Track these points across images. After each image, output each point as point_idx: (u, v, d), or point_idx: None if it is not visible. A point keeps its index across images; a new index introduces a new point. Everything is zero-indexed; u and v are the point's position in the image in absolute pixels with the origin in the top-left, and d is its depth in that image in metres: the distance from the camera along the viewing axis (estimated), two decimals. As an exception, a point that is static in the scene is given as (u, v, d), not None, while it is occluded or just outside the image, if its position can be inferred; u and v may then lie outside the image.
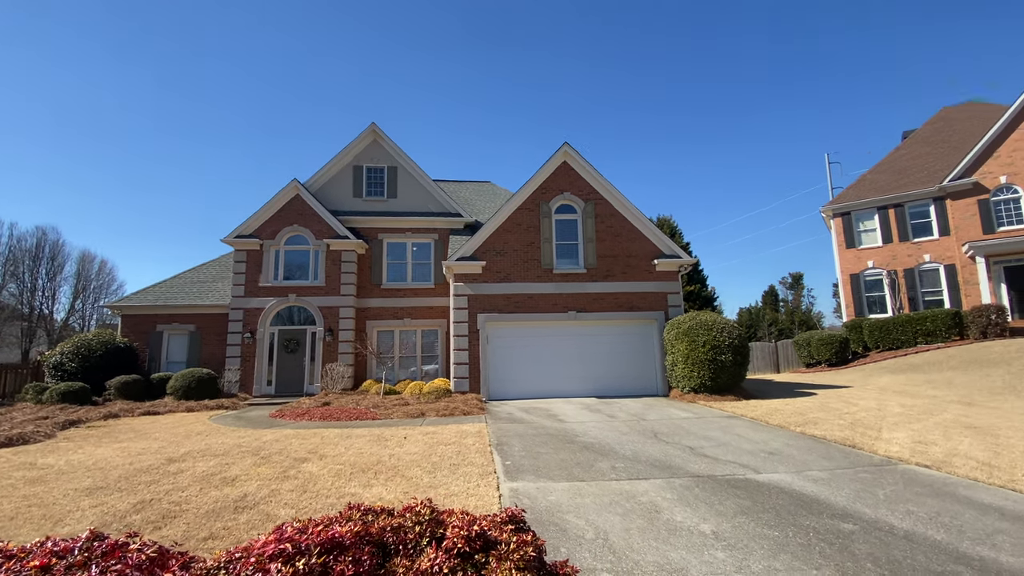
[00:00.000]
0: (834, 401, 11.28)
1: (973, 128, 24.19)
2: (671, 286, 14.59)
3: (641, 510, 4.74)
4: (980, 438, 7.37)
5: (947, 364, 15.19)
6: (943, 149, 24.48)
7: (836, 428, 8.39)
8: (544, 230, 14.73)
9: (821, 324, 61.13)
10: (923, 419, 8.83)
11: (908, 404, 10.45)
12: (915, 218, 22.75)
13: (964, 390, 11.94)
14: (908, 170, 24.43)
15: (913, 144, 26.56)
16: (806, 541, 3.96)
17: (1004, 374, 13.00)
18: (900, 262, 22.73)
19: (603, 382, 13.79)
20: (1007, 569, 3.50)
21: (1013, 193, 20.56)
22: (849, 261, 24.07)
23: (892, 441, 7.35)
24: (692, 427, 8.89)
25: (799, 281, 71.45)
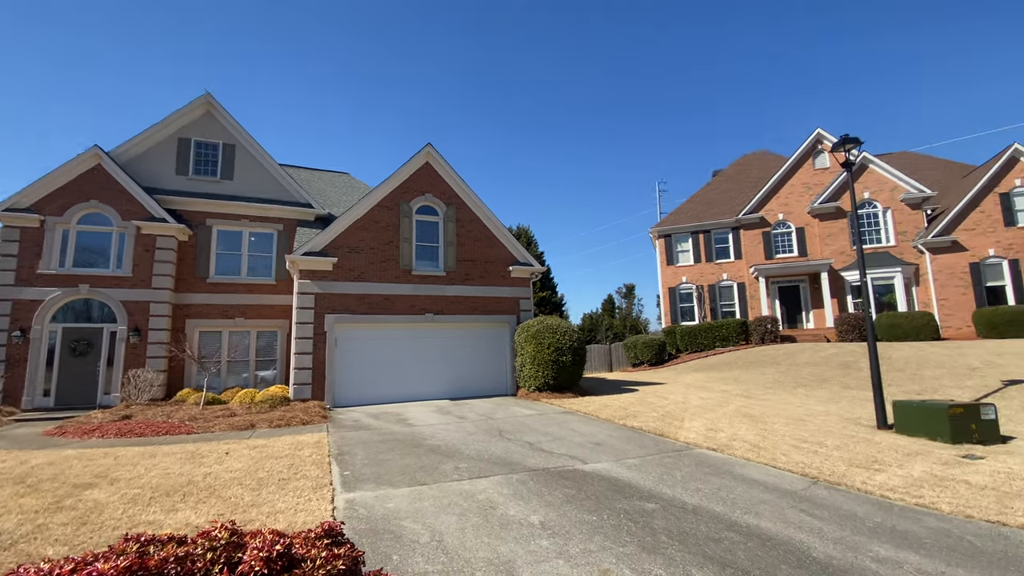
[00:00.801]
0: (651, 396, 12.96)
1: (763, 173, 29.98)
2: (524, 292, 15.37)
3: (478, 508, 4.87)
4: (754, 425, 9.10)
5: (735, 364, 18.53)
6: (741, 187, 29.91)
7: (651, 420, 9.65)
8: (404, 230, 14.39)
9: (647, 329, 69.73)
10: (715, 410, 10.63)
11: (705, 397, 12.49)
12: (718, 243, 27.37)
13: (746, 385, 14.68)
14: (715, 203, 29.32)
15: (720, 182, 31.99)
16: (617, 522, 4.46)
17: (774, 372, 16.29)
18: (706, 279, 27.17)
19: (458, 384, 13.94)
20: (765, 532, 4.35)
21: (787, 228, 25.94)
22: (669, 276, 28.01)
23: (691, 429, 8.70)
24: (534, 424, 9.45)
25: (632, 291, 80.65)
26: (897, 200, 23.68)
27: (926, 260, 22.64)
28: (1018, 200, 21.74)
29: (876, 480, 5.72)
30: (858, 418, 9.59)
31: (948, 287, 22.08)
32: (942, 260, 22.36)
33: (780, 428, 8.76)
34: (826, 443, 7.53)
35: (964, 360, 14.38)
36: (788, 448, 7.29)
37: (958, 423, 7.38)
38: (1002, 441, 7.51)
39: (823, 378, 14.26)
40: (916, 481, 5.64)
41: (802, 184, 25.79)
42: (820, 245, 24.91)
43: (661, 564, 3.69)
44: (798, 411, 10.49)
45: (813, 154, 25.78)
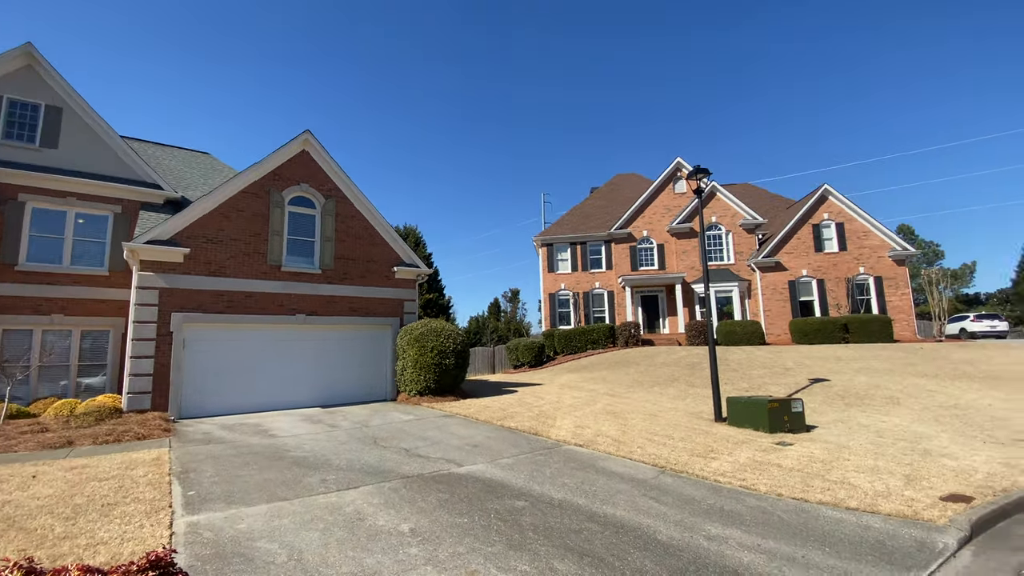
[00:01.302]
0: (529, 397, 13.49)
1: (632, 193, 32.92)
2: (408, 293, 15.02)
3: (344, 521, 4.63)
4: (617, 421, 9.92)
5: (602, 365, 20.07)
6: (614, 204, 32.54)
7: (526, 420, 10.03)
8: (275, 221, 13.20)
9: (529, 332, 72.53)
10: (584, 408, 11.39)
11: (576, 397, 13.34)
12: (593, 254, 29.46)
13: (612, 385, 15.96)
14: (591, 217, 31.53)
15: (596, 198, 34.48)
16: (487, 523, 4.55)
17: (635, 372, 17.93)
18: (582, 286, 29.07)
19: (333, 390, 13.12)
20: (619, 520, 4.75)
21: (650, 244, 28.76)
22: (549, 283, 29.46)
23: (562, 427, 9.22)
24: (412, 429, 9.26)
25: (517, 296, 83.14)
26: (737, 225, 27.63)
27: (757, 277, 26.71)
28: (825, 231, 26.68)
29: (711, 467, 6.59)
30: (700, 412, 10.97)
31: (772, 300, 26.28)
32: (769, 277, 26.55)
33: (637, 423, 9.66)
34: (674, 436, 8.49)
35: (782, 362, 17.22)
36: (643, 441, 8.07)
37: (775, 415, 8.81)
38: (807, 430, 9.11)
39: (674, 377, 16.06)
40: (742, 466, 6.60)
41: (663, 206, 28.88)
42: (676, 260, 28.07)
43: (527, 560, 3.84)
44: (653, 407, 11.68)
45: (673, 180, 29.03)
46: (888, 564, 3.85)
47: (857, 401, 11.70)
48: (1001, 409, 10.33)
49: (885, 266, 25.74)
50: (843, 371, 15.30)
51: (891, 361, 16.63)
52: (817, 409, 11.00)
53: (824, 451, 7.33)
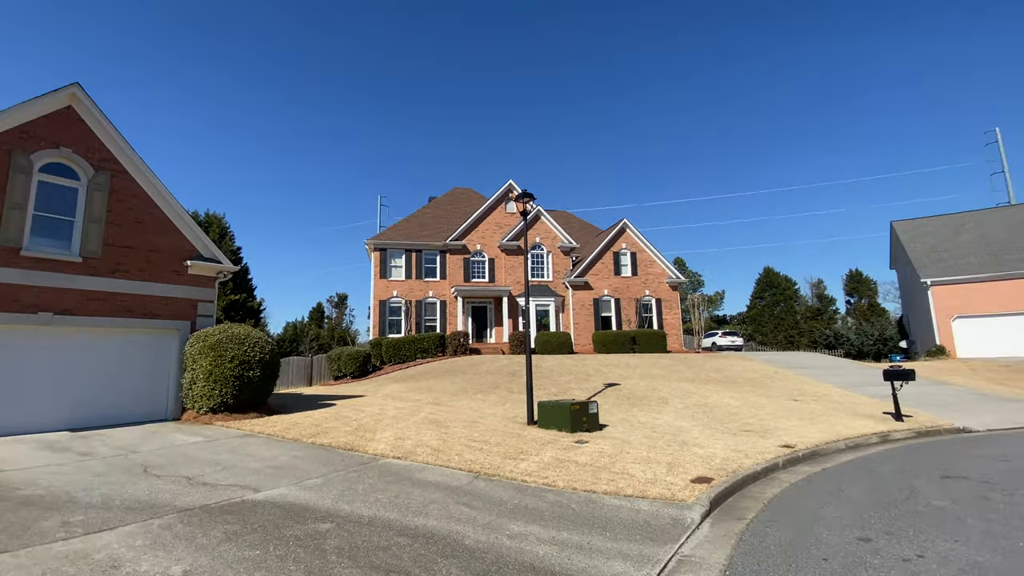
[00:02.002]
0: (348, 410, 12.76)
1: (468, 207, 33.95)
2: (205, 293, 12.93)
3: (92, 572, 3.73)
4: (438, 430, 9.99)
5: (430, 374, 20.13)
6: (451, 216, 33.13)
7: (343, 435, 9.47)
8: (14, 191, 10.14)
9: (357, 341, 69.05)
10: (407, 418, 11.23)
11: (400, 407, 13.09)
12: (428, 263, 29.51)
13: (437, 393, 16.08)
14: (428, 226, 31.60)
15: (435, 207, 34.71)
16: (284, 552, 4.14)
17: (461, 380, 18.37)
18: (414, 294, 28.84)
19: (92, 409, 10.49)
20: (430, 531, 4.75)
21: (482, 257, 29.94)
22: (381, 289, 28.53)
23: (381, 440, 8.93)
24: (199, 453, 7.95)
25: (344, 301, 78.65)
26: (556, 247, 30.58)
27: (570, 294, 29.86)
28: (623, 258, 31.13)
29: (520, 468, 7.08)
30: (516, 417, 11.73)
31: (580, 314, 29.61)
32: (579, 295, 29.90)
33: (459, 431, 9.89)
34: (491, 440, 8.91)
35: (585, 368, 19.48)
36: (462, 448, 8.29)
37: (576, 417, 9.89)
38: (600, 428, 10.41)
39: (496, 384, 16.92)
40: (546, 465, 7.24)
41: (495, 223, 30.48)
42: (505, 274, 29.79)
43: (326, 586, 3.59)
44: (475, 414, 12.10)
45: (505, 200, 30.90)
46: (651, 541, 4.61)
47: (639, 402, 13.85)
48: (735, 406, 13.30)
49: (664, 290, 31.18)
50: (630, 376, 17.99)
51: (664, 368, 20.14)
52: (609, 410, 12.68)
53: (612, 447, 8.48)
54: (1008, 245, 27.84)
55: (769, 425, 10.80)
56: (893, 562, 4.13)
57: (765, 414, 12.17)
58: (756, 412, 12.40)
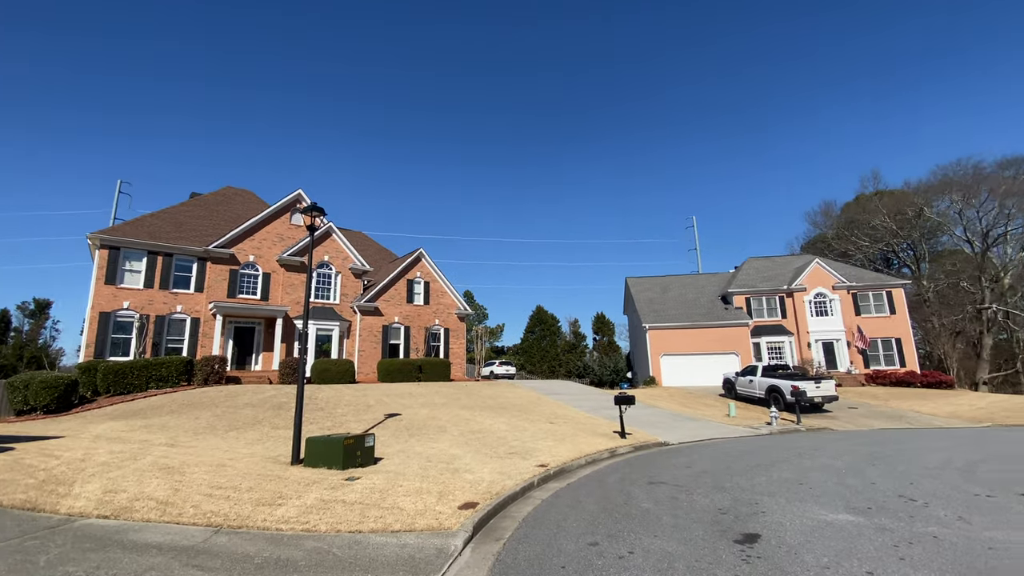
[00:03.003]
0: (34, 456, 9.48)
1: (244, 211, 29.82)
2: None
3: None
4: (170, 478, 8.16)
5: (168, 408, 16.49)
6: (220, 219, 28.53)
7: (21, 489, 6.98)
8: None
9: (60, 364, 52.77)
10: (126, 465, 8.89)
11: (118, 450, 10.31)
12: (180, 270, 24.63)
13: (174, 432, 13.21)
14: (186, 226, 26.57)
15: (198, 206, 29.46)
16: None
17: (210, 416, 15.50)
18: (155, 308, 23.57)
19: None
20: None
21: (255, 270, 26.44)
22: (105, 298, 22.50)
23: (81, 495, 6.85)
24: None
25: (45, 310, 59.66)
26: (347, 268, 29.11)
27: (357, 318, 28.58)
28: (416, 286, 31.37)
29: (276, 514, 6.27)
30: (278, 456, 10.44)
31: (367, 341, 28.54)
32: (367, 320, 28.85)
33: (200, 477, 8.27)
34: (241, 486, 7.69)
35: (366, 399, 18.67)
36: (201, 498, 6.94)
37: (349, 452, 9.32)
38: (375, 462, 10.00)
39: (257, 420, 14.83)
40: (308, 508, 6.57)
41: (277, 234, 27.48)
42: (282, 292, 26.85)
43: None
44: (225, 455, 10.32)
45: (292, 210, 28.21)
46: (414, 574, 4.57)
47: (417, 432, 13.87)
48: (504, 431, 14.42)
49: (452, 321, 32.47)
50: (412, 406, 17.96)
51: (446, 396, 20.75)
52: (387, 442, 12.36)
53: (385, 481, 8.23)
54: (695, 303, 37.72)
55: (529, 447, 12.02)
56: (612, 560, 4.97)
57: (527, 437, 13.51)
58: (520, 436, 13.67)
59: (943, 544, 5.19)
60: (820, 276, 35.67)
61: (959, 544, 5.17)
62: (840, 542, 5.33)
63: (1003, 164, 44.60)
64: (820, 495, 7.53)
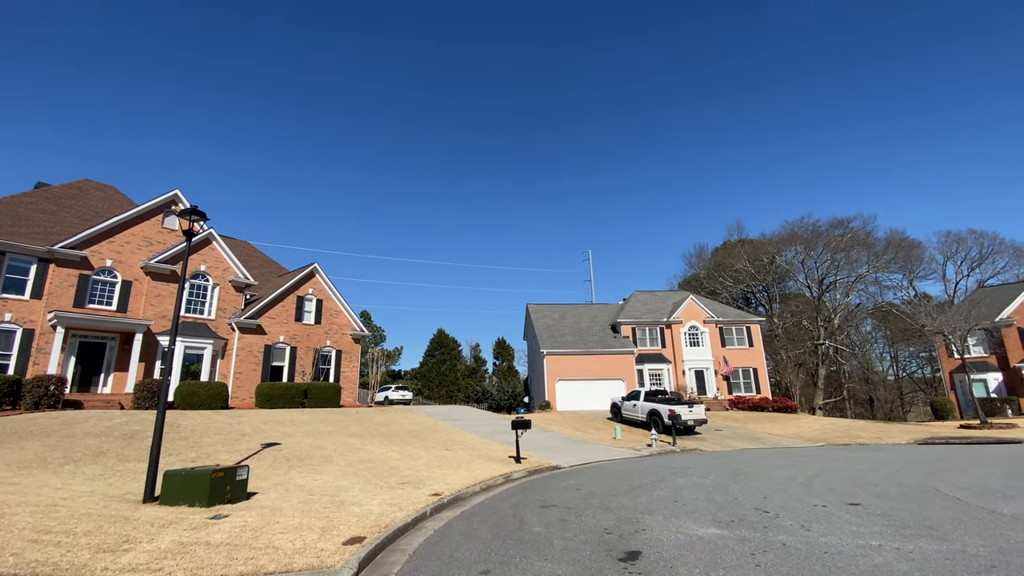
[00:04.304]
0: None
1: (104, 209, 26.00)
2: None
3: None
4: (-28, 525, 6.62)
5: (-21, 439, 13.46)
6: (70, 215, 24.55)
7: None
8: None
9: None
10: (-94, 514, 7.05)
11: None
12: (13, 272, 20.71)
13: (-15, 468, 10.79)
14: (27, 220, 22.51)
15: (43, 198, 25.15)
16: None
17: (40, 447, 12.94)
18: (-29, 316, 19.42)
19: None
20: None
21: (113, 277, 23.01)
22: None
23: None
24: None
25: None
26: (227, 280, 26.47)
27: (235, 337, 25.95)
28: (308, 303, 29.39)
29: (122, 561, 5.37)
30: (126, 494, 8.98)
31: (246, 362, 25.97)
32: (247, 339, 26.31)
33: (22, 520, 6.83)
34: (77, 530, 6.48)
35: (240, 427, 16.85)
36: (24, 545, 5.72)
37: (216, 486, 8.30)
38: (247, 497, 9.00)
39: (101, 451, 12.68)
40: (163, 553, 5.71)
41: (144, 237, 24.30)
42: (145, 304, 23.63)
43: None
44: (56, 494, 8.64)
45: (165, 212, 25.19)
46: (288, 621, 4.15)
47: (299, 463, 12.80)
48: (396, 459, 13.84)
49: (346, 342, 30.81)
50: (295, 434, 16.56)
51: (334, 424, 19.45)
52: (262, 475, 11.23)
53: (259, 518, 7.44)
54: (589, 331, 39.87)
55: (423, 475, 11.65)
56: (502, 587, 4.95)
57: (421, 465, 13.10)
58: (414, 464, 13.22)
59: (790, 550, 5.92)
60: (694, 311, 39.77)
61: (802, 550, 5.93)
62: (708, 553, 5.84)
63: (834, 223, 54.15)
64: (692, 511, 8.21)
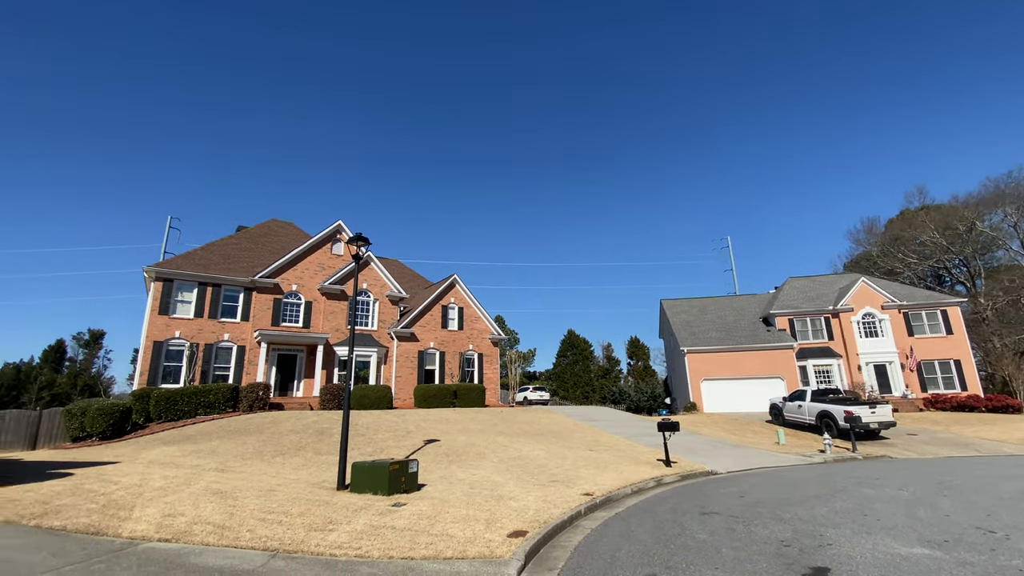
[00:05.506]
0: (94, 481, 9.91)
1: (287, 243, 31.07)
2: None
3: None
4: (223, 502, 8.37)
5: (216, 434, 17.00)
6: (263, 251, 29.80)
7: (84, 513, 7.27)
8: None
9: (110, 392, 55.23)
10: (180, 490, 9.18)
11: (171, 475, 10.66)
12: (227, 300, 25.70)
13: (224, 457, 13.58)
14: (234, 258, 27.84)
15: (244, 238, 30.89)
16: None
17: (256, 441, 15.89)
18: (204, 337, 24.58)
19: None
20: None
21: (298, 299, 27.35)
22: (159, 327, 23.64)
23: (142, 519, 7.09)
24: None
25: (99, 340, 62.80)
26: (384, 295, 29.75)
27: (394, 344, 29.00)
28: (451, 312, 31.72)
29: (328, 540, 6.32)
30: (324, 482, 10.56)
31: (404, 367, 28.85)
32: (404, 346, 29.22)
33: (251, 502, 8.45)
34: (292, 511, 7.81)
35: (405, 425, 18.77)
36: (255, 523, 7.08)
37: (394, 477, 9.35)
38: (419, 488, 10.00)
39: (301, 445, 15.09)
40: (359, 534, 6.60)
41: (318, 263, 28.44)
42: (323, 320, 27.60)
43: None
44: (272, 481, 10.52)
45: (332, 240, 29.23)
46: (470, 603, 4.50)
47: (457, 458, 13.81)
48: (543, 458, 14.20)
49: (486, 345, 32.53)
50: (450, 432, 17.92)
51: (483, 423, 20.63)
52: (427, 468, 12.35)
53: (431, 507, 8.20)
54: (735, 325, 36.63)
55: (572, 475, 11.77)
56: (673, 593, 4.77)
57: (568, 464, 13.24)
58: (560, 463, 13.42)
59: (1039, 583, 4.77)
60: (868, 295, 34.17)
61: (1058, 583, 4.74)
62: (921, 578, 4.97)
63: (1060, 174, 42.25)
64: (889, 527, 7.05)
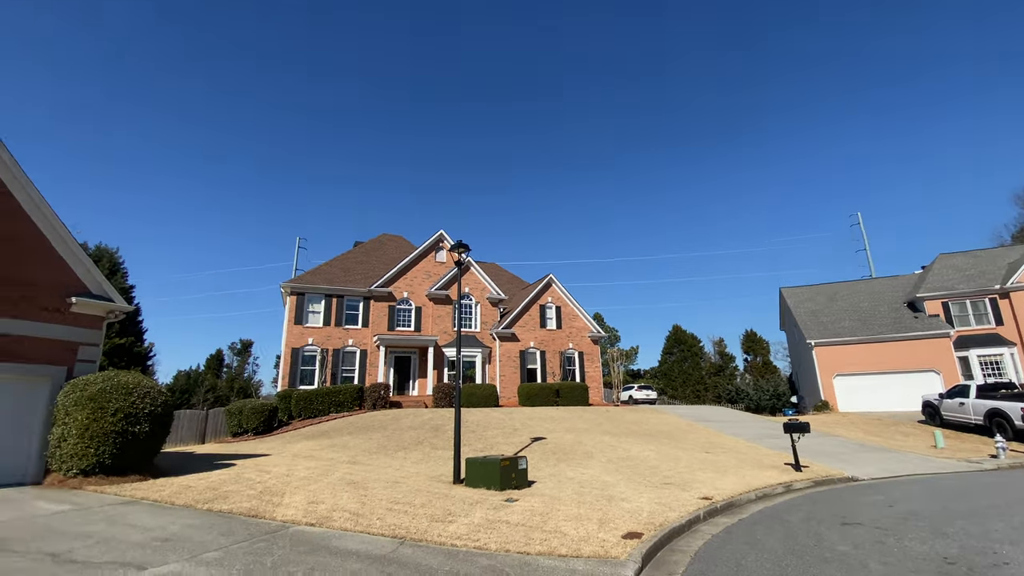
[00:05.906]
0: (251, 471, 11.48)
1: (397, 254, 33.49)
2: (90, 335, 11.33)
3: None
4: (356, 492, 9.23)
5: (346, 430, 18.81)
6: (377, 262, 32.41)
7: (245, 499, 8.45)
8: None
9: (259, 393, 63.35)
10: (320, 480, 10.30)
11: (312, 467, 12.00)
12: (349, 309, 28.34)
13: (354, 452, 14.99)
14: (352, 270, 30.63)
15: (360, 252, 33.85)
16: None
17: (380, 437, 17.32)
18: (332, 343, 27.35)
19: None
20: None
21: (408, 305, 29.33)
22: (295, 336, 26.77)
23: (290, 505, 8.07)
24: (64, 524, 6.68)
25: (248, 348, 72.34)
26: (485, 298, 30.78)
27: (496, 345, 29.87)
28: (548, 311, 31.93)
29: (449, 531, 6.69)
30: (441, 475, 11.19)
31: (507, 366, 29.58)
32: (506, 346, 29.98)
33: (379, 492, 9.21)
34: (415, 502, 8.38)
35: (511, 423, 19.23)
36: (384, 512, 7.70)
37: (505, 473, 9.63)
38: (528, 485, 10.19)
39: (419, 441, 16.14)
40: (476, 527, 6.90)
41: (424, 271, 30.25)
42: (432, 324, 29.29)
43: None
44: (396, 474, 11.38)
45: (435, 249, 30.92)
46: (588, 602, 4.48)
47: (565, 457, 13.83)
48: (654, 459, 13.69)
49: (586, 344, 32.19)
50: (556, 430, 18.01)
51: (589, 422, 20.44)
52: (536, 465, 12.52)
53: (542, 504, 8.30)
54: (872, 312, 32.27)
55: (686, 477, 11.19)
56: (812, 610, 4.33)
57: (682, 467, 12.62)
58: (673, 465, 12.83)
59: None
60: (1051, 270, 28.13)
61: None
62: None
63: None
64: (1103, 553, 5.74)
